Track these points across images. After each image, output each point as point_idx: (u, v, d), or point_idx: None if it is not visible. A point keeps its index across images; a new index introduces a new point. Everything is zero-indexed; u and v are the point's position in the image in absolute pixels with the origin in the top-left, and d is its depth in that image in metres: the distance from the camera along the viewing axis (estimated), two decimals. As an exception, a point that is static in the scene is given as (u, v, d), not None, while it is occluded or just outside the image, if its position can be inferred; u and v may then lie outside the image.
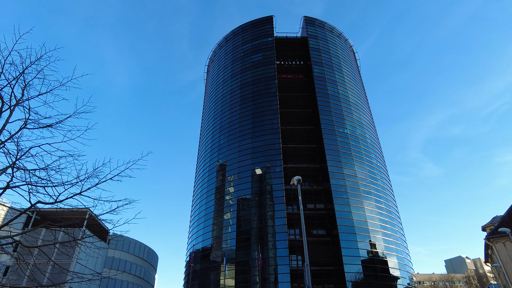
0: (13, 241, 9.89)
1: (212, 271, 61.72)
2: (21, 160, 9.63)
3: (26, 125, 10.61)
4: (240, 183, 68.00)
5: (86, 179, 9.63)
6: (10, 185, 9.31)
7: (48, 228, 10.55)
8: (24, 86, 11.11)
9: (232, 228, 63.57)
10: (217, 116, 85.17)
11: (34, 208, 9.99)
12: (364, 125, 79.03)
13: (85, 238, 12.42)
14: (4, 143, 9.93)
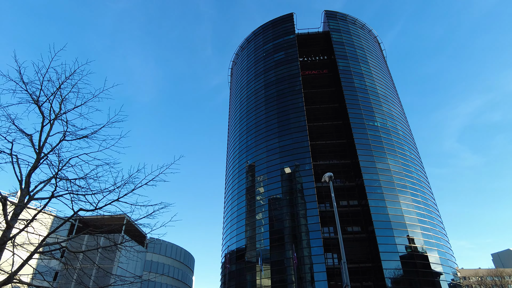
0: (61, 247, 10.45)
1: (248, 271, 62.10)
2: (62, 170, 10.18)
3: (65, 137, 11.20)
4: (270, 182, 68.00)
5: (122, 186, 10.02)
6: (55, 195, 9.87)
7: (90, 234, 11.06)
8: (61, 101, 11.71)
9: (265, 228, 63.66)
10: (243, 117, 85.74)
11: (77, 216, 10.51)
12: (394, 117, 76.53)
13: (125, 242, 12.89)
14: (47, 155, 10.52)
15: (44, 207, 9.78)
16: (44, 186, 10.38)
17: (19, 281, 9.25)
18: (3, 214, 9.37)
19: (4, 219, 9.36)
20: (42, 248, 9.75)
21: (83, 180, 10.21)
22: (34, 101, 11.20)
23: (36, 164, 10.44)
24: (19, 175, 10.12)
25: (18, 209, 9.63)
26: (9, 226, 9.25)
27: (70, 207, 10.02)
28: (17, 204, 9.72)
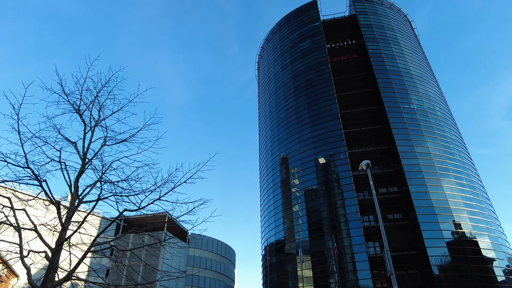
0: (110, 246, 11.09)
1: (288, 263, 62.41)
2: (106, 174, 10.78)
3: (105, 143, 11.82)
4: (304, 174, 67.54)
5: (163, 185, 10.43)
6: (101, 197, 10.49)
7: (136, 232, 11.66)
8: (100, 108, 12.35)
9: (303, 219, 63.49)
10: (273, 110, 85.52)
11: (122, 216, 11.09)
12: (431, 98, 72.83)
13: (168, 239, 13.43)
14: (91, 160, 11.18)
15: (92, 209, 10.42)
16: (90, 189, 11.05)
17: (77, 278, 9.96)
18: (58, 217, 10.10)
19: (59, 222, 10.09)
20: (94, 248, 10.41)
21: (126, 182, 10.75)
22: (75, 110, 11.89)
23: (82, 170, 11.12)
24: (68, 180, 10.83)
25: (70, 212, 10.33)
26: (64, 228, 9.97)
27: (116, 208, 10.61)
28: (69, 208, 10.44)
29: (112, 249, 11.30)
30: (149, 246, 11.03)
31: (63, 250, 10.02)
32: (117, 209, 10.59)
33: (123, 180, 10.79)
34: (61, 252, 9.81)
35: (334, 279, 54.81)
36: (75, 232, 9.93)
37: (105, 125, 12.13)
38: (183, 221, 11.01)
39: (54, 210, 12.03)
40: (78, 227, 10.06)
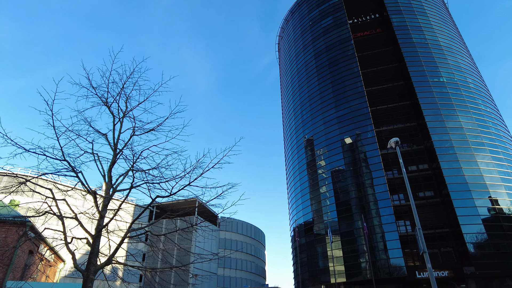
0: (145, 231, 11.60)
1: (318, 243, 62.83)
2: (137, 163, 11.17)
3: (134, 133, 12.18)
4: (330, 155, 66.80)
5: (192, 171, 10.69)
6: (134, 185, 10.93)
7: (168, 218, 12.09)
8: (126, 99, 12.67)
9: (331, 200, 63.29)
10: (295, 91, 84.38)
11: (155, 203, 11.51)
12: (463, 70, 69.01)
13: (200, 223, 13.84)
14: (122, 150, 11.60)
15: (126, 197, 10.89)
16: (123, 178, 11.51)
17: (116, 261, 10.55)
18: (95, 205, 10.65)
19: (97, 210, 10.64)
20: (130, 233, 10.94)
21: (156, 169, 11.11)
22: (104, 103, 12.27)
23: (114, 160, 11.58)
24: (102, 170, 11.33)
25: (106, 201, 10.86)
26: (101, 216, 10.51)
27: (148, 195, 11.02)
28: (104, 197, 10.96)
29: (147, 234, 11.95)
30: (182, 230, 11.43)
31: (102, 236, 10.60)
32: (149, 196, 11.02)
33: (153, 168, 11.15)
34: (100, 238, 10.39)
35: (364, 258, 54.73)
36: (111, 219, 10.46)
37: (133, 116, 12.47)
38: (213, 205, 11.28)
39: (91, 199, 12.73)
40: (114, 214, 10.59)
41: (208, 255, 12.80)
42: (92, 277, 9.73)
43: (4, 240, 18.25)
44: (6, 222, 18.22)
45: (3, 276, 17.68)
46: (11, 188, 10.55)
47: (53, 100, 10.94)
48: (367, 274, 53.13)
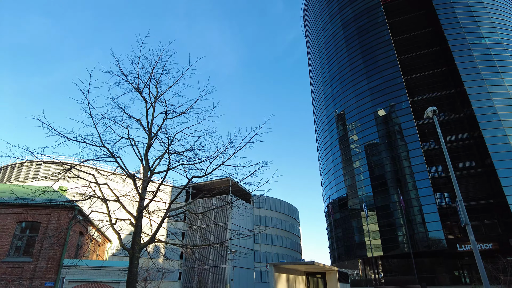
0: (184, 211, 12.04)
1: (353, 218, 62.52)
2: (171, 145, 11.47)
3: (167, 116, 12.43)
4: (363, 129, 65.03)
5: (224, 151, 10.83)
6: (170, 167, 11.28)
7: (205, 197, 12.45)
8: (156, 84, 12.87)
9: (365, 175, 62.19)
10: (324, 64, 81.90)
11: (191, 183, 11.84)
12: (509, 28, 63.29)
13: (234, 201, 14.13)
14: (156, 134, 11.94)
15: (163, 178, 11.30)
16: (160, 161, 11.90)
17: (158, 240, 11.10)
18: (135, 188, 11.15)
19: (137, 193, 11.15)
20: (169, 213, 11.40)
21: (190, 151, 11.35)
22: (135, 89, 12.54)
23: (149, 143, 11.95)
24: (139, 154, 11.76)
25: (145, 183, 11.33)
26: (141, 198, 11.01)
27: (184, 176, 11.35)
28: (143, 179, 11.43)
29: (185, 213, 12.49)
30: (219, 208, 11.76)
31: (144, 217, 11.13)
32: (186, 177, 11.33)
33: (187, 149, 11.40)
34: (142, 218, 10.92)
35: (401, 232, 53.89)
36: (151, 200, 10.94)
37: (164, 100, 12.69)
38: (246, 183, 11.42)
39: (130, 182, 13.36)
40: (153, 195, 11.06)
41: (244, 231, 13.11)
42: (137, 255, 10.32)
43: (57, 222, 19.75)
44: (57, 207, 19.64)
45: (60, 254, 19.26)
46: (58, 175, 11.25)
47: (88, 89, 11.35)
48: (405, 248, 52.42)
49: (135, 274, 10.27)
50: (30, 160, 47.68)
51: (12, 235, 19.53)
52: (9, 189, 21.49)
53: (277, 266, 17.94)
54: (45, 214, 20.01)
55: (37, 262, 18.92)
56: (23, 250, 19.62)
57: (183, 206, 11.48)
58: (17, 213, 19.85)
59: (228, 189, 49.95)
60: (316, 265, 19.17)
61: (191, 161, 11.28)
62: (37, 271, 18.68)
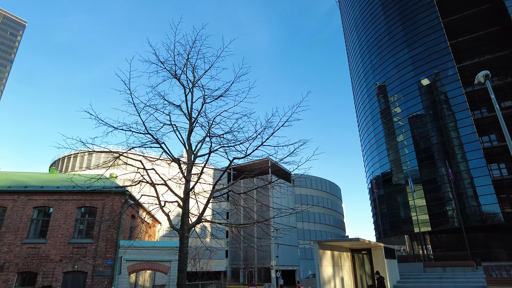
0: (228, 191, 12.40)
1: (398, 194, 60.64)
2: (211, 129, 11.72)
3: (205, 101, 12.65)
4: (406, 100, 61.77)
5: (263, 131, 10.86)
6: (212, 150, 11.59)
7: (246, 177, 12.67)
8: (193, 69, 13.06)
9: (409, 148, 59.56)
10: (360, 35, 78.01)
11: (232, 165, 12.09)
12: None
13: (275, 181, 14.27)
14: (196, 119, 12.23)
15: (207, 161, 11.64)
16: (201, 145, 12.25)
17: (205, 220, 11.58)
18: (180, 171, 11.62)
19: (183, 176, 11.62)
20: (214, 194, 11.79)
21: (230, 133, 11.53)
22: (173, 75, 12.83)
23: (191, 128, 12.30)
24: (182, 139, 12.17)
25: (189, 166, 11.76)
26: (187, 180, 11.47)
27: (226, 157, 11.61)
28: (187, 163, 11.87)
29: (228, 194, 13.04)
30: (260, 188, 11.95)
31: (190, 198, 11.62)
32: (227, 158, 11.59)
33: (227, 132, 11.59)
34: (189, 200, 11.41)
35: (451, 206, 51.46)
36: (196, 182, 11.37)
37: (201, 85, 12.88)
38: (286, 162, 11.38)
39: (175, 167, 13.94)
40: (198, 177, 11.47)
41: (286, 209, 13.25)
42: (186, 234, 10.87)
43: (111, 207, 21.29)
44: (110, 192, 21.11)
45: (116, 236, 20.85)
46: (108, 163, 12.00)
47: (129, 79, 11.82)
48: (455, 222, 50.16)
49: (186, 252, 10.84)
50: (83, 151, 51.25)
51: (75, 219, 21.40)
52: (68, 178, 23.40)
53: (321, 243, 18.01)
54: (100, 199, 21.61)
55: (97, 243, 20.64)
56: (84, 233, 21.47)
57: (227, 186, 11.80)
58: (77, 200, 21.63)
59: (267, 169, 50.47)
60: (361, 242, 18.98)
61: (231, 143, 11.48)
62: (98, 251, 20.41)
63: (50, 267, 20.00)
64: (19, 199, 21.58)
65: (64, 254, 20.33)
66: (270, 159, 10.35)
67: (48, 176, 27.67)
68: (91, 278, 19.85)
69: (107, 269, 20.08)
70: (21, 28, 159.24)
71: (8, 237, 20.62)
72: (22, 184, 23.11)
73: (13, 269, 19.93)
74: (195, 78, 12.92)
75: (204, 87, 12.80)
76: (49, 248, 20.45)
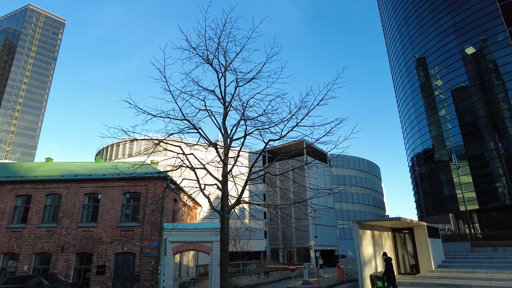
0: (265, 173, 12.50)
1: (441, 171, 57.88)
2: (245, 112, 11.75)
3: (238, 84, 12.64)
4: (448, 71, 57.87)
5: (297, 111, 10.71)
6: (247, 133, 11.66)
7: (282, 159, 12.67)
8: (224, 53, 13.04)
9: (453, 123, 56.21)
10: (396, 5, 73.43)
11: (267, 148, 12.10)
12: None
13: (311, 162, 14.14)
14: (230, 103, 12.31)
15: (242, 144, 11.77)
16: (237, 128, 12.35)
17: (244, 201, 11.81)
18: (218, 155, 11.86)
19: (220, 159, 11.85)
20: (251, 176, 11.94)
21: (264, 116, 11.50)
22: (205, 61, 12.90)
23: (225, 112, 12.42)
24: (217, 124, 12.36)
25: (226, 150, 11.95)
26: (224, 164, 11.70)
27: (261, 140, 11.63)
28: (224, 147, 12.07)
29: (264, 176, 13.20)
30: (297, 169, 11.92)
31: (228, 181, 11.86)
32: (262, 140, 11.61)
33: (261, 114, 11.56)
34: (227, 183, 11.66)
35: (501, 182, 48.35)
36: (233, 165, 11.55)
37: (233, 68, 12.85)
38: (322, 142, 11.14)
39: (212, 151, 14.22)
40: (235, 160, 11.65)
41: (323, 190, 13.14)
42: (227, 215, 11.18)
43: (154, 192, 22.33)
44: (152, 178, 22.11)
45: (160, 219, 21.93)
46: (149, 150, 12.49)
47: (163, 67, 12.07)
48: (506, 200, 47.19)
49: (227, 233, 11.18)
50: (125, 139, 53.79)
51: (121, 205, 22.75)
52: (113, 166, 24.74)
53: (360, 223, 17.77)
54: (143, 185, 22.71)
55: (143, 226, 21.85)
56: (131, 217, 22.79)
57: (264, 168, 11.91)
58: (122, 186, 22.90)
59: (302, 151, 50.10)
60: (403, 221, 18.47)
61: (265, 126, 11.46)
62: (144, 234, 21.62)
63: (102, 248, 21.56)
64: (71, 186, 23.25)
65: (114, 237, 21.79)
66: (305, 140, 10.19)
67: (94, 165, 29.47)
68: (139, 259, 21.16)
69: (153, 250, 21.27)
70: (61, 27, 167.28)
71: (65, 222, 22.43)
72: (73, 173, 24.83)
73: (72, 250, 21.74)
74: (227, 62, 12.92)
75: (236, 70, 12.79)
76: (101, 231, 21.99)
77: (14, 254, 22.15)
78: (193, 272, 31.34)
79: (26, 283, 17.61)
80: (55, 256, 21.63)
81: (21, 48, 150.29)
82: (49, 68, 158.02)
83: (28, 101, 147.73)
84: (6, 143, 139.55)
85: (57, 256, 21.62)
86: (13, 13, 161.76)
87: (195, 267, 32.13)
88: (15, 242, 22.19)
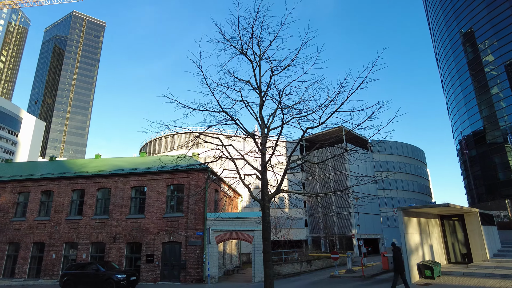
0: (303, 162, 12.37)
1: (494, 153, 53.85)
2: (282, 101, 11.62)
3: (273, 73, 12.50)
4: (501, 45, 53.20)
5: (336, 96, 10.36)
6: (284, 122, 11.55)
7: (321, 147, 12.44)
8: (258, 42, 12.91)
9: (507, 101, 51.85)
10: (441, -22, 68.44)
11: (306, 136, 11.91)
12: None
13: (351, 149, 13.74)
14: (266, 92, 12.24)
15: (280, 133, 11.68)
16: (273, 117, 12.27)
17: (283, 190, 11.79)
18: (256, 145, 11.90)
19: (258, 149, 11.89)
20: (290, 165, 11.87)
21: (301, 103, 11.30)
22: (240, 51, 12.87)
23: (261, 102, 12.38)
24: (254, 114, 12.35)
25: (264, 140, 11.95)
26: (263, 154, 11.72)
27: (299, 128, 11.46)
28: (262, 136, 12.08)
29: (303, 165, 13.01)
30: (337, 156, 11.64)
31: (267, 170, 11.88)
32: (300, 128, 11.43)
33: (297, 102, 11.36)
34: (266, 172, 11.69)
35: None
36: (272, 154, 11.52)
37: (268, 57, 12.70)
38: (364, 128, 10.71)
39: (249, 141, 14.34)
40: (273, 150, 11.61)
41: (365, 177, 12.74)
42: (267, 205, 11.23)
43: (196, 183, 23.03)
44: (194, 170, 22.80)
45: (203, 209, 22.63)
46: (190, 143, 12.83)
47: (200, 60, 12.23)
48: None
49: (268, 222, 11.25)
50: (167, 133, 55.83)
51: (166, 196, 23.76)
52: (157, 159, 25.82)
53: (405, 210, 17.05)
54: (186, 177, 23.49)
55: (187, 216, 22.67)
56: (175, 208, 23.74)
57: (302, 157, 11.77)
58: (166, 178, 23.86)
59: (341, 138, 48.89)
60: (452, 207, 17.44)
61: (303, 113, 11.25)
62: (189, 223, 22.44)
63: (150, 238, 22.73)
64: (119, 180, 24.64)
65: (160, 227, 22.86)
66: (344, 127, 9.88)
67: (139, 159, 30.95)
68: (185, 248, 22.05)
69: (197, 239, 22.05)
70: (102, 29, 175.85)
71: (115, 213, 23.90)
72: (120, 168, 26.27)
73: (123, 240, 23.16)
74: (261, 51, 12.80)
75: (270, 59, 12.64)
76: (148, 222, 23.17)
77: (74, 243, 24.08)
78: (236, 260, 32.13)
79: (86, 269, 19.22)
80: (109, 246, 23.18)
81: (68, 53, 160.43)
82: (93, 70, 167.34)
83: (76, 102, 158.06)
84: (61, 142, 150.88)
85: (110, 246, 23.16)
86: (60, 21, 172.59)
87: (238, 255, 32.90)
88: (74, 232, 24.09)
